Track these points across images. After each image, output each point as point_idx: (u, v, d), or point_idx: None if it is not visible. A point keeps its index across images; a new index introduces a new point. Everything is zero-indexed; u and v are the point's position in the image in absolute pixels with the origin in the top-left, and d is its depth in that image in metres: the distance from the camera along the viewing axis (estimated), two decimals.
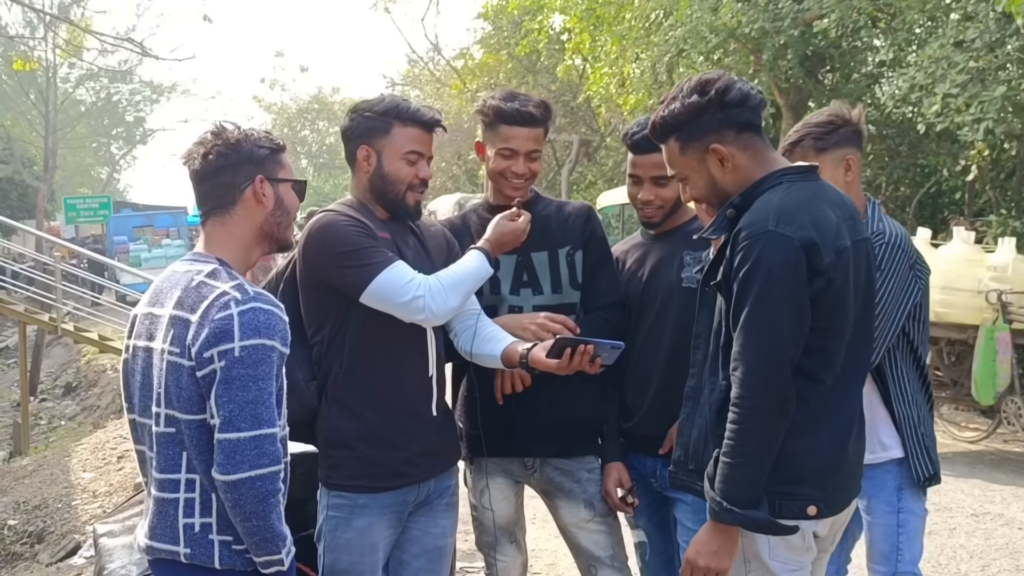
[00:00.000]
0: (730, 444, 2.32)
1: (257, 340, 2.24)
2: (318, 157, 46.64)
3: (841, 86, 11.88)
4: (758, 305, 2.30)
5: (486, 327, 2.94)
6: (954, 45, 9.02)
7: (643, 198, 3.13)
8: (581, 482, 3.17)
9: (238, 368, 2.23)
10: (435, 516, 2.99)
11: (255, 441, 2.23)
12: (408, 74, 32.44)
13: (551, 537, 5.31)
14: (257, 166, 2.41)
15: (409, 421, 2.86)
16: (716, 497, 2.34)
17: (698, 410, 2.62)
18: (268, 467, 2.23)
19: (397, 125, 2.85)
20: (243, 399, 2.23)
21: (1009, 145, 9.78)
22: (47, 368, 20.28)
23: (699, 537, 2.43)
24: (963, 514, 6.38)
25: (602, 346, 2.70)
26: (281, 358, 2.31)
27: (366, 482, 2.83)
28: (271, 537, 2.28)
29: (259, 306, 2.28)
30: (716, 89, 2.44)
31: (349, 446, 2.83)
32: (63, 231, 32.13)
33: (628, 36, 13.08)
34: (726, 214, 2.46)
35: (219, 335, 2.24)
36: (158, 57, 11.53)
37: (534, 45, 17.56)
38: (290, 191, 2.48)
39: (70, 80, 43.45)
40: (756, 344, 2.31)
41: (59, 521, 7.87)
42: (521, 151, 3.08)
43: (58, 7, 29.44)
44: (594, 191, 19.31)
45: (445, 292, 2.74)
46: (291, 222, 2.51)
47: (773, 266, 2.29)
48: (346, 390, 2.83)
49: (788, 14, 10.83)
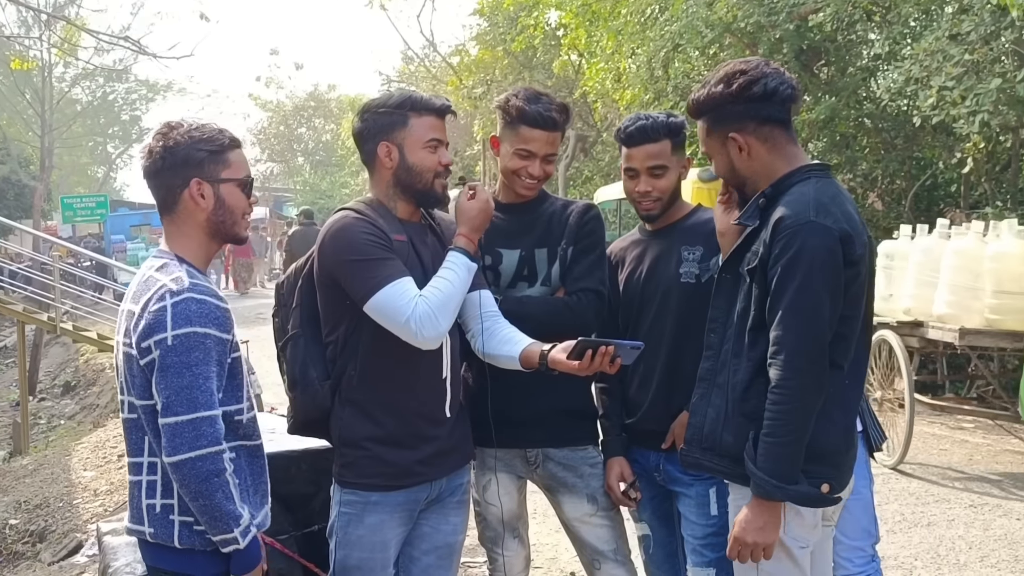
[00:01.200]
0: (775, 423, 2.47)
1: (188, 328, 2.37)
2: (314, 154, 46.57)
3: (837, 80, 11.88)
4: (802, 291, 2.45)
5: (503, 328, 2.94)
6: (949, 38, 9.02)
7: (640, 190, 3.15)
8: (584, 476, 3.19)
9: (171, 356, 2.36)
10: (446, 514, 3.00)
11: (192, 424, 2.34)
12: (404, 71, 32.39)
13: (553, 531, 5.34)
14: (194, 169, 2.51)
15: (422, 423, 2.87)
16: (762, 475, 2.48)
17: (714, 391, 2.69)
18: (206, 448, 2.35)
19: (413, 116, 2.86)
20: (178, 385, 2.35)
21: (1004, 137, 9.80)
22: (46, 367, 20.28)
23: (744, 515, 2.54)
24: (961, 505, 6.41)
25: (622, 347, 2.72)
26: (221, 343, 2.43)
27: (379, 480, 2.85)
28: (220, 516, 2.38)
29: (191, 296, 2.39)
30: (739, 83, 2.62)
31: (362, 446, 2.85)
32: (60, 230, 32.13)
33: (624, 31, 13.07)
34: (758, 203, 2.61)
35: (154, 326, 2.38)
36: (155, 55, 11.52)
37: (530, 41, 17.56)
38: (234, 190, 2.55)
39: (66, 79, 43.39)
40: (800, 328, 2.46)
41: (60, 520, 7.89)
42: (539, 153, 3.11)
43: (54, 6, 29.39)
44: (591, 186, 19.31)
45: (435, 317, 2.71)
46: (237, 219, 2.58)
47: (816, 254, 2.45)
48: (360, 391, 2.85)
49: (783, 8, 10.84)
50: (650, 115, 3.17)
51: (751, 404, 2.55)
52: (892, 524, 5.99)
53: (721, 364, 2.68)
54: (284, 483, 3.35)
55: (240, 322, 11.01)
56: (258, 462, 2.61)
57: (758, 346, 2.56)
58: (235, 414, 2.51)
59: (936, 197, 12.12)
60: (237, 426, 2.52)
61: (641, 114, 3.19)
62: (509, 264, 3.17)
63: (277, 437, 3.63)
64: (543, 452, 3.20)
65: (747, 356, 2.59)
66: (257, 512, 2.55)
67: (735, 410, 2.60)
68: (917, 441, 8.23)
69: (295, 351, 2.95)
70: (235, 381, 2.51)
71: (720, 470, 2.68)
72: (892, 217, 11.69)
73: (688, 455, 2.77)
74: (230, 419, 2.49)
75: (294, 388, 2.96)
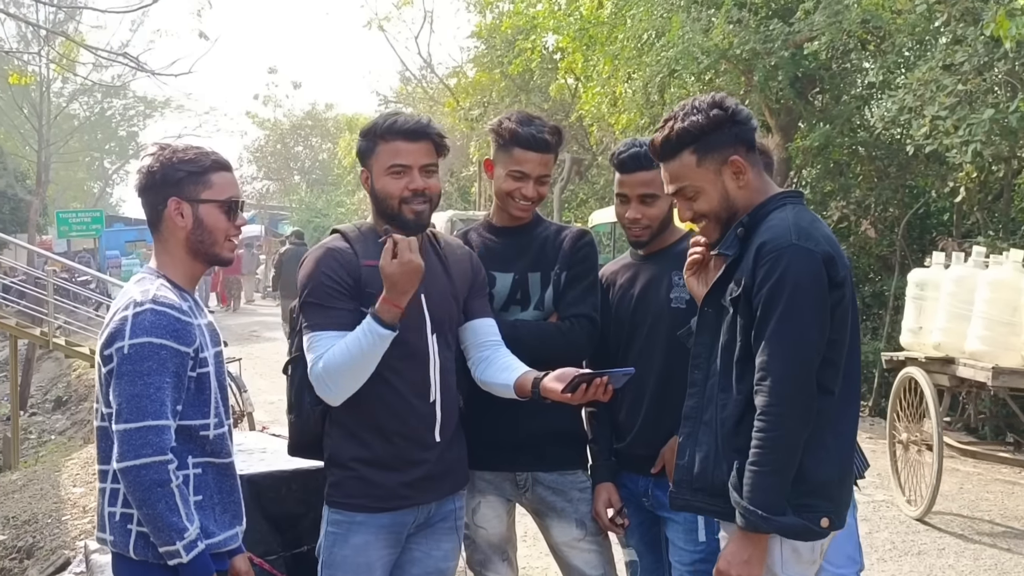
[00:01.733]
0: (760, 452, 2.40)
1: (144, 339, 2.41)
2: (311, 173, 46.57)
3: (831, 107, 11.95)
4: (787, 317, 2.41)
5: (501, 357, 2.95)
6: (943, 68, 9.09)
7: (630, 216, 3.17)
8: (572, 501, 3.20)
9: (126, 364, 2.41)
10: (438, 539, 2.99)
11: (139, 432, 2.38)
12: (402, 91, 32.49)
13: (542, 555, 5.33)
14: (172, 188, 2.56)
15: (409, 446, 2.86)
16: (749, 506, 2.40)
17: (701, 428, 2.62)
18: (151, 457, 2.38)
19: (380, 142, 2.88)
20: (129, 392, 2.40)
21: (997, 167, 9.85)
22: (38, 382, 20.22)
23: (730, 548, 2.48)
24: (952, 534, 6.41)
25: (615, 375, 2.74)
26: (178, 355, 2.45)
27: (364, 501, 2.85)
28: (163, 527, 2.39)
29: (152, 307, 2.44)
30: (730, 106, 2.58)
31: (349, 467, 2.86)
32: (55, 245, 32.07)
33: (620, 56, 13.14)
34: (736, 233, 2.56)
35: (115, 335, 2.44)
36: (153, 72, 11.54)
37: (527, 64, 17.61)
38: (214, 211, 2.59)
39: (64, 95, 43.44)
40: (786, 354, 2.41)
41: (49, 536, 7.84)
42: (532, 175, 3.13)
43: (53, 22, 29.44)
44: (585, 209, 19.35)
45: (325, 383, 2.75)
46: (218, 240, 2.61)
47: (800, 279, 2.41)
48: (346, 413, 2.85)
49: (779, 36, 10.91)
50: (645, 142, 3.16)
51: (742, 439, 2.47)
52: (883, 552, 6.00)
53: (707, 401, 2.61)
54: (274, 503, 3.35)
55: (233, 340, 10.99)
56: (227, 481, 2.62)
57: (746, 378, 2.50)
58: (200, 429, 2.53)
59: (929, 225, 12.17)
60: (203, 442, 2.54)
61: (636, 140, 3.20)
62: (502, 287, 3.19)
63: (268, 457, 3.64)
64: (532, 475, 3.20)
65: (736, 390, 2.53)
66: (222, 531, 2.55)
67: (726, 446, 2.53)
68: (907, 468, 8.24)
69: (294, 375, 2.98)
70: (202, 396, 2.53)
71: (712, 510, 2.60)
72: (885, 245, 11.73)
73: (678, 497, 2.68)
74: (195, 434, 2.52)
75: (292, 411, 2.99)
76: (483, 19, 22.92)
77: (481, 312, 3.01)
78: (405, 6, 27.03)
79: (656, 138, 2.65)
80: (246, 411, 9.33)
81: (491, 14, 22.27)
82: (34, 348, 17.32)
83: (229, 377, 9.49)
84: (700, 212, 2.63)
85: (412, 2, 26.85)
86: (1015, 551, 6.09)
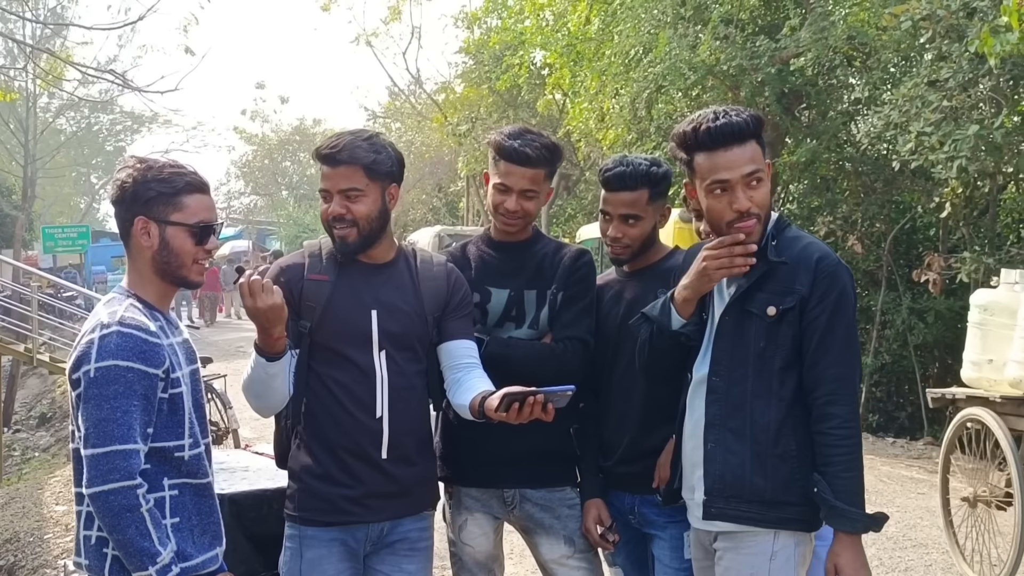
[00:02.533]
0: (850, 457, 2.55)
1: (110, 362, 2.36)
2: (299, 188, 46.60)
3: (817, 123, 11.99)
4: (851, 329, 2.61)
5: (471, 379, 2.92)
6: (928, 84, 9.14)
7: (612, 235, 3.16)
8: (561, 518, 3.17)
9: (92, 388, 2.36)
10: (398, 561, 2.95)
11: (106, 457, 2.33)
12: (390, 107, 32.55)
13: (530, 572, 5.29)
14: (141, 207, 2.50)
15: (353, 461, 2.85)
16: (855, 510, 2.53)
17: (728, 436, 2.64)
18: (118, 482, 2.34)
19: (320, 166, 2.90)
20: (96, 417, 2.35)
21: (982, 183, 9.89)
22: (22, 398, 20.07)
23: (847, 557, 2.56)
24: (939, 551, 6.40)
25: (552, 393, 2.70)
26: (146, 377, 2.39)
27: (311, 515, 2.86)
28: (134, 552, 2.35)
29: (119, 330, 2.40)
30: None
31: (300, 478, 2.90)
32: (41, 260, 31.95)
33: (608, 72, 13.18)
34: (772, 244, 2.64)
35: (81, 358, 2.40)
36: (139, 89, 11.51)
37: (515, 80, 17.67)
38: (181, 234, 2.51)
39: (50, 110, 43.36)
40: (854, 363, 2.61)
41: (31, 555, 7.75)
42: (515, 188, 3.09)
43: (39, 38, 29.43)
44: (574, 224, 19.39)
45: (246, 400, 2.90)
46: (185, 264, 2.53)
47: (851, 293, 2.62)
48: (302, 426, 2.91)
49: (765, 52, 10.96)
50: (633, 161, 3.14)
51: (783, 445, 2.58)
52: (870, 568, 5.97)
53: (733, 408, 2.63)
54: (256, 523, 3.31)
55: (219, 356, 10.93)
56: (206, 501, 2.58)
57: (787, 385, 2.59)
58: (175, 450, 2.49)
59: (915, 241, 12.22)
60: (179, 463, 2.50)
61: (625, 159, 3.16)
62: (497, 303, 3.16)
63: (251, 476, 3.60)
64: (520, 492, 3.17)
65: (777, 396, 2.60)
66: (200, 553, 2.51)
67: (767, 452, 2.60)
68: (895, 484, 8.24)
69: None
70: (175, 417, 2.49)
71: (748, 517, 2.62)
72: (871, 260, 11.76)
73: (711, 505, 2.68)
74: (169, 455, 2.48)
75: (276, 425, 3.04)
76: (471, 35, 23.02)
77: (458, 333, 2.98)
78: (393, 22, 27.11)
79: (733, 119, 2.57)
80: (231, 428, 9.27)
81: (479, 30, 22.38)
82: (18, 364, 17.19)
83: (214, 393, 9.46)
84: (758, 204, 2.58)
85: (400, 18, 26.93)
86: None
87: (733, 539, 2.64)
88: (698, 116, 2.65)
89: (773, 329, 2.60)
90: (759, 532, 2.60)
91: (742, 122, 2.57)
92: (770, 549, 2.58)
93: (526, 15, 17.39)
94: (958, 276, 9.10)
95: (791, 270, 2.59)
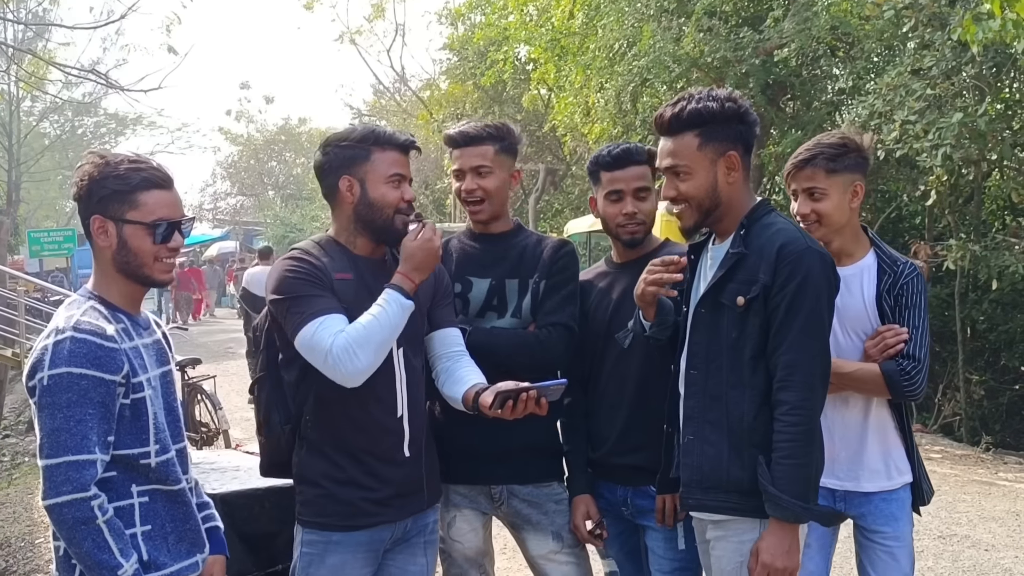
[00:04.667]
0: (794, 445, 2.51)
1: (63, 369, 2.27)
2: (285, 188, 46.42)
3: (802, 114, 12.03)
4: (813, 316, 2.54)
5: (460, 368, 2.91)
6: (912, 73, 9.17)
7: (627, 211, 3.14)
8: (548, 514, 3.17)
9: (45, 397, 2.28)
10: (413, 554, 2.95)
11: (59, 468, 2.26)
12: (375, 105, 32.46)
13: (521, 568, 5.29)
14: (97, 205, 2.42)
15: (377, 463, 2.81)
16: (788, 498, 2.50)
17: (706, 428, 2.66)
18: (71, 495, 2.26)
19: (376, 150, 2.82)
20: (49, 427, 2.27)
21: (967, 170, 9.93)
22: (10, 403, 19.92)
23: (770, 542, 2.55)
24: (930, 536, 6.42)
25: (545, 388, 2.70)
26: (101, 384, 2.30)
27: (336, 520, 2.79)
28: (92, 566, 2.28)
29: (72, 335, 2.31)
30: (742, 105, 2.67)
31: (319, 484, 2.81)
32: (27, 265, 31.78)
33: (592, 66, 13.19)
34: (739, 233, 2.65)
35: (36, 366, 2.32)
36: (122, 89, 11.43)
37: (499, 75, 17.65)
38: (139, 232, 2.42)
39: (34, 113, 43.08)
40: (814, 351, 2.55)
41: (22, 560, 7.72)
42: (466, 168, 3.15)
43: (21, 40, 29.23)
44: (561, 219, 19.38)
45: (352, 352, 2.62)
46: (145, 263, 2.44)
47: (820, 280, 2.55)
48: (314, 430, 2.81)
49: (749, 44, 10.98)
50: (629, 142, 3.23)
51: (759, 435, 2.57)
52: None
53: (711, 399, 2.65)
54: (248, 522, 3.31)
55: (208, 357, 10.88)
56: (180, 508, 2.49)
57: (759, 374, 2.59)
58: (140, 457, 2.40)
59: (901, 229, 12.26)
60: (146, 470, 2.41)
61: (621, 141, 3.24)
62: (479, 293, 3.16)
63: (241, 475, 3.60)
64: (508, 489, 3.17)
65: (749, 385, 2.60)
66: (176, 561, 2.44)
67: (744, 443, 2.59)
68: None
69: (261, 394, 2.93)
70: (139, 423, 2.39)
71: (727, 507, 2.64)
72: None
73: (688, 497, 2.72)
74: (135, 463, 2.39)
75: (262, 431, 2.94)
76: (455, 31, 22.98)
77: (445, 321, 2.98)
78: (377, 19, 27.04)
79: (665, 112, 2.70)
80: (221, 429, 9.23)
81: (463, 26, 22.33)
82: (6, 370, 17.08)
83: (203, 394, 9.44)
84: (684, 193, 2.69)
85: (384, 15, 26.87)
86: (993, 552, 6.11)
87: (722, 527, 2.66)
88: None
89: (743, 319, 2.61)
90: (745, 521, 2.61)
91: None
92: (757, 537, 2.59)
93: (510, 10, 17.36)
94: (944, 264, 9.14)
95: (756, 259, 2.60)
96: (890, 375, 2.92)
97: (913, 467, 3.13)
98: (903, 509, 3.14)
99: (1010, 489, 7.74)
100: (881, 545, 3.10)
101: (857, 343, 3.03)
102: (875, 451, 3.05)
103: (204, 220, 47.33)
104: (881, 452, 3.05)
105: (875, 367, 2.95)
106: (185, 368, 9.61)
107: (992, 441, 9.33)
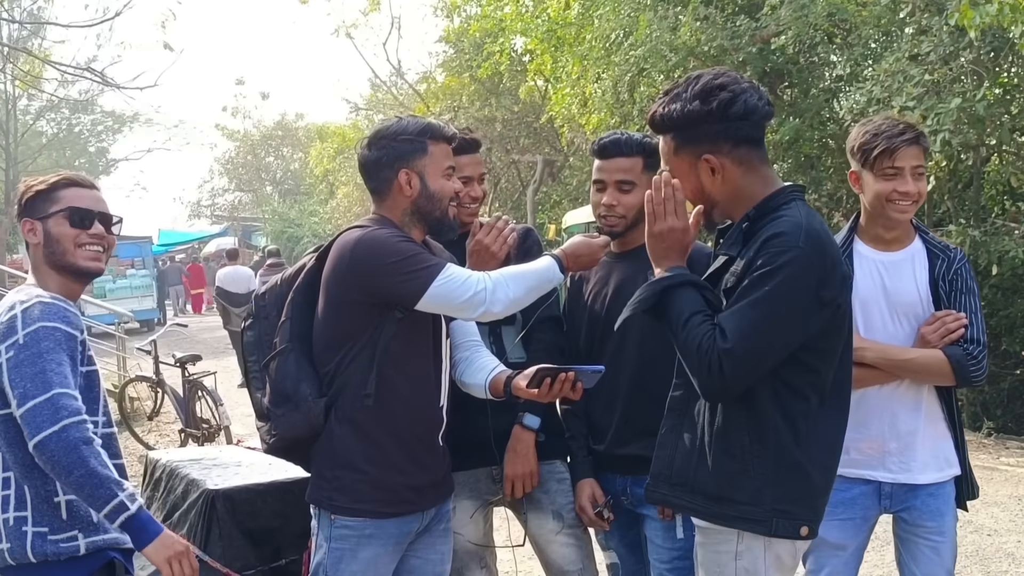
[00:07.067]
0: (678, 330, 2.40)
1: (38, 324, 2.44)
2: (283, 183, 46.36)
3: (800, 101, 11.98)
4: (768, 298, 2.28)
5: (480, 357, 2.96)
6: (909, 59, 9.14)
7: (606, 202, 3.13)
8: (549, 492, 3.17)
9: (23, 352, 2.41)
10: (433, 543, 2.96)
11: (49, 401, 2.35)
12: (372, 98, 32.39)
13: (525, 559, 5.29)
14: (26, 210, 2.66)
15: (421, 449, 2.84)
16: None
17: (685, 422, 2.54)
18: (68, 419, 2.34)
19: (432, 144, 2.86)
20: (31, 372, 2.38)
21: (966, 156, 9.91)
22: None
23: None
24: None
25: (583, 372, 2.71)
26: (70, 339, 2.48)
27: (373, 506, 2.77)
28: (100, 483, 2.33)
29: (39, 300, 2.50)
30: (720, 100, 2.42)
31: (359, 468, 2.76)
32: (26, 264, 31.80)
33: (589, 57, 13.14)
34: (742, 228, 2.45)
35: (6, 333, 2.45)
36: (118, 86, 11.43)
37: (496, 67, 17.59)
38: (60, 221, 2.63)
39: (30, 112, 43.01)
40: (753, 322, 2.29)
41: None
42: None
43: (16, 39, 29.17)
44: (559, 210, 19.35)
45: (507, 283, 2.72)
46: (68, 249, 2.62)
47: (794, 280, 2.29)
48: (365, 411, 2.75)
49: (746, 32, 10.94)
50: (628, 132, 3.18)
51: (732, 439, 2.40)
52: None
53: (694, 394, 2.50)
54: (250, 518, 3.30)
55: (208, 353, 10.91)
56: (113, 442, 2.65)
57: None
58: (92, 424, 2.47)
59: None
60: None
61: (619, 131, 3.21)
62: None
63: (243, 470, 3.59)
64: None
65: None
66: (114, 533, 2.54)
67: (714, 444, 2.44)
68: None
69: (286, 366, 2.82)
70: (91, 394, 2.55)
71: (691, 508, 2.52)
72: None
73: (655, 491, 2.60)
74: None
75: (283, 404, 2.81)
76: (451, 23, 22.89)
77: None
78: (372, 12, 26.96)
79: (649, 111, 2.62)
80: (223, 424, 9.23)
81: (459, 18, 22.25)
82: None
83: (204, 391, 9.43)
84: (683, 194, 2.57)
85: (379, 8, 26.79)
86: (996, 536, 6.12)
87: (704, 534, 2.54)
88: None
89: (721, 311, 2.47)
90: (722, 531, 2.46)
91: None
92: (734, 548, 2.44)
93: (505, 2, 17.32)
94: None
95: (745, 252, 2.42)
96: (957, 360, 2.87)
97: (961, 460, 3.09)
98: (948, 504, 3.11)
99: (1012, 474, 7.74)
100: (925, 540, 3.06)
101: (907, 329, 2.97)
102: (927, 443, 3.02)
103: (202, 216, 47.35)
104: (932, 444, 3.03)
105: (938, 353, 2.89)
106: (186, 364, 9.61)
107: (994, 426, 9.32)
